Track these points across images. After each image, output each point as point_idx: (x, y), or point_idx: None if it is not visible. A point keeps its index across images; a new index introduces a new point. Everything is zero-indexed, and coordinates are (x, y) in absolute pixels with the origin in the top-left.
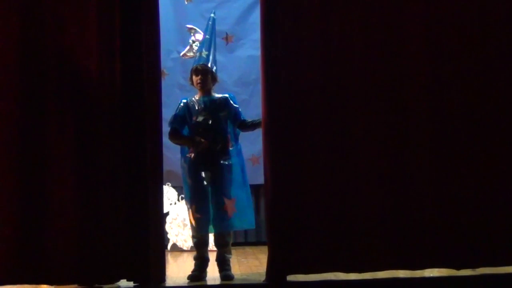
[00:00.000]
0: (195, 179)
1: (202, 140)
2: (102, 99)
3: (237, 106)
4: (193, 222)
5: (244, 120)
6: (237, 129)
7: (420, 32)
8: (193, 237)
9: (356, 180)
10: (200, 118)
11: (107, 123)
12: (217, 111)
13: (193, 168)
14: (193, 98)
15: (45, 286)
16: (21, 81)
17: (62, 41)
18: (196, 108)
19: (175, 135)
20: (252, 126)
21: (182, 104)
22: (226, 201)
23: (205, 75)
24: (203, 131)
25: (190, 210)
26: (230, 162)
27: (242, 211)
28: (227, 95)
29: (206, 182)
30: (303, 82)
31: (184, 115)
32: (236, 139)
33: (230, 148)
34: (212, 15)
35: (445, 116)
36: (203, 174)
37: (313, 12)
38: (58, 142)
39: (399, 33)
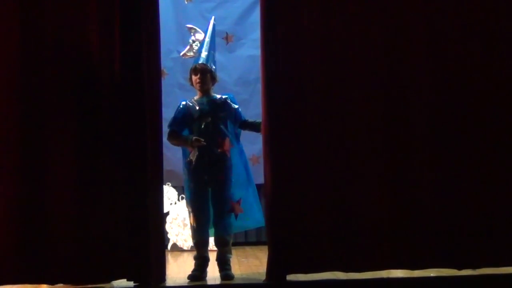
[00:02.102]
0: (196, 181)
1: (196, 138)
2: (102, 99)
3: (237, 106)
4: (194, 225)
5: (245, 120)
6: (238, 129)
7: (421, 31)
8: (193, 237)
9: (356, 179)
10: (199, 119)
11: (107, 122)
12: (216, 111)
13: (194, 171)
14: (193, 99)
15: (45, 286)
16: (21, 80)
17: (62, 41)
18: (196, 108)
19: (172, 136)
20: (252, 127)
21: (181, 106)
22: (232, 203)
23: (204, 74)
24: (202, 132)
25: (191, 213)
26: (231, 163)
27: (249, 211)
28: (226, 96)
29: (207, 184)
30: (303, 82)
31: (183, 117)
32: (237, 139)
33: (231, 148)
34: (212, 20)
35: (446, 115)
36: (204, 176)
37: (313, 11)
38: (58, 142)
39: (400, 32)
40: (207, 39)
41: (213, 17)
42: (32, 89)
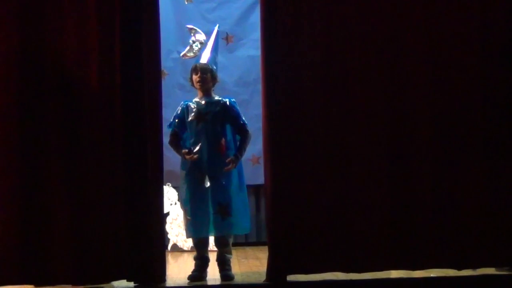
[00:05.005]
0: (195, 182)
1: (187, 151)
2: (103, 99)
3: (237, 111)
4: (187, 225)
5: (244, 125)
6: (237, 135)
7: (420, 33)
8: (192, 237)
9: (356, 179)
10: (197, 119)
11: (107, 123)
12: (215, 113)
13: (190, 171)
14: (193, 100)
15: None
16: (21, 79)
17: (62, 41)
18: (195, 109)
19: (173, 142)
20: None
21: (181, 107)
22: (220, 205)
23: (204, 73)
24: (199, 133)
25: (185, 214)
26: (228, 164)
27: (237, 217)
28: (227, 100)
29: (206, 184)
30: (303, 82)
31: (183, 118)
32: (235, 143)
33: (228, 151)
34: (216, 27)
35: (445, 116)
36: (202, 177)
37: (313, 12)
38: (58, 142)
39: (399, 34)
40: (210, 43)
41: (217, 25)
42: (31, 87)
